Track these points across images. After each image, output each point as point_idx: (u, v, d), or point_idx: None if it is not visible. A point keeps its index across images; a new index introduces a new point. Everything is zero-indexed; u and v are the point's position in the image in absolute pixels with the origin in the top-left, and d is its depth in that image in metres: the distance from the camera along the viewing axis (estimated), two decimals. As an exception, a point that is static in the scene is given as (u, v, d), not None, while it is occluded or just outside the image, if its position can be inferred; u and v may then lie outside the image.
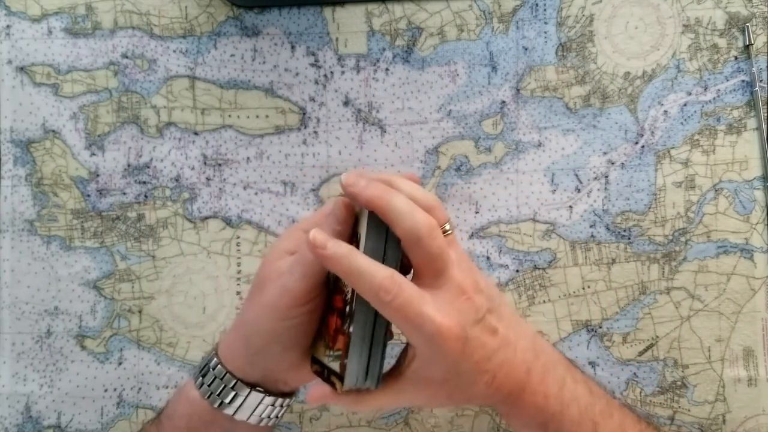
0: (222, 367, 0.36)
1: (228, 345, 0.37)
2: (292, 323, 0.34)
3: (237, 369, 0.36)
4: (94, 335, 0.46)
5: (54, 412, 0.46)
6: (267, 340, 0.35)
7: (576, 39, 0.46)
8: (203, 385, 0.36)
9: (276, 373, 0.36)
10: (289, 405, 0.38)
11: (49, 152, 0.47)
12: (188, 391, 0.37)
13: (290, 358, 0.36)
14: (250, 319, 0.36)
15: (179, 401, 0.38)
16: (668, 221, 0.45)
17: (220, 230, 0.46)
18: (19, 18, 0.47)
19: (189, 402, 0.37)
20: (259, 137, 0.47)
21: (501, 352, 0.33)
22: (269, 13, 0.47)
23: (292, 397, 0.38)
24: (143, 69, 0.47)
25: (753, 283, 0.45)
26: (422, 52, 0.46)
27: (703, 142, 0.46)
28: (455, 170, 0.46)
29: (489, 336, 0.33)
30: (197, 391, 0.36)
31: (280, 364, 0.36)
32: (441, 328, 0.31)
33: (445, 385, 0.33)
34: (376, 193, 0.32)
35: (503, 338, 0.34)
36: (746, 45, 0.45)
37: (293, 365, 0.36)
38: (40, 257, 0.46)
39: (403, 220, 0.32)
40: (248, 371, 0.36)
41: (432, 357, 0.32)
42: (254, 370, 0.36)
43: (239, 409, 0.36)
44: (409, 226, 0.32)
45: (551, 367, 0.35)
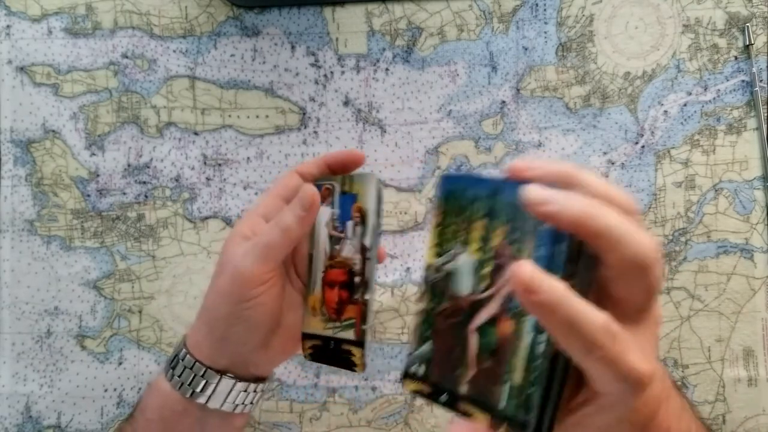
0: (191, 357, 0.36)
1: (194, 334, 0.37)
2: (251, 304, 0.34)
3: (204, 357, 0.36)
4: (94, 335, 0.46)
5: (54, 412, 0.46)
6: (228, 324, 0.35)
7: (576, 39, 0.46)
8: (174, 377, 0.36)
9: (243, 355, 0.36)
10: (264, 390, 0.38)
11: (49, 152, 0.47)
12: (159, 384, 0.37)
13: (255, 339, 0.36)
14: (210, 305, 0.36)
15: (151, 395, 0.37)
16: (668, 221, 0.45)
17: (220, 230, 0.46)
18: (19, 18, 0.47)
19: (160, 394, 0.36)
20: (259, 137, 0.47)
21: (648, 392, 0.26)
22: (269, 13, 0.47)
23: (265, 381, 0.38)
24: (143, 69, 0.47)
25: (753, 283, 0.45)
26: (422, 52, 0.46)
27: (703, 142, 0.46)
28: (455, 170, 0.46)
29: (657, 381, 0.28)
30: (168, 383, 0.36)
31: (245, 346, 0.36)
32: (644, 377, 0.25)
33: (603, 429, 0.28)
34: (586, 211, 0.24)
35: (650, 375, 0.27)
36: (746, 45, 0.45)
37: (260, 345, 0.36)
38: (40, 257, 0.46)
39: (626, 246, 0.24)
40: (216, 358, 0.36)
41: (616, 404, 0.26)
42: (221, 356, 0.36)
43: (211, 397, 0.35)
44: (632, 254, 0.24)
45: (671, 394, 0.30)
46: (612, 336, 0.24)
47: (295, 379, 0.46)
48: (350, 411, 0.46)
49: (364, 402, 0.46)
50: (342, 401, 0.46)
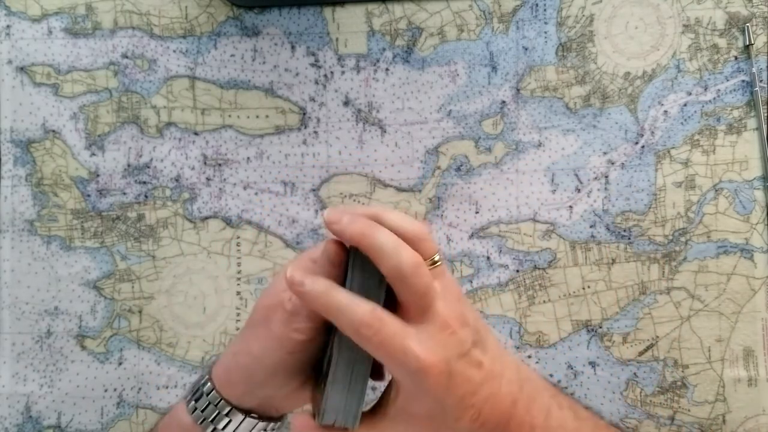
0: (217, 394, 0.36)
1: (225, 372, 0.36)
2: (300, 355, 0.34)
3: (233, 397, 0.36)
4: (94, 335, 0.46)
5: (54, 412, 0.46)
6: (273, 372, 0.35)
7: (576, 39, 0.46)
8: (196, 410, 0.36)
9: (274, 400, 0.36)
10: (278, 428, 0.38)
11: (49, 152, 0.47)
12: (180, 415, 0.37)
13: (290, 387, 0.36)
14: (256, 352, 0.35)
15: (170, 425, 0.38)
16: (668, 221, 0.45)
17: (220, 230, 0.46)
18: (19, 18, 0.47)
19: (180, 426, 0.37)
20: (259, 137, 0.47)
21: (486, 386, 0.33)
22: (269, 13, 0.47)
23: (281, 420, 0.39)
24: (143, 69, 0.47)
25: (753, 283, 0.45)
26: (422, 52, 0.46)
27: (703, 142, 0.46)
28: (455, 170, 0.46)
29: (474, 370, 0.33)
30: (189, 415, 0.36)
31: (279, 393, 0.36)
32: (424, 363, 0.30)
33: (430, 422, 0.33)
34: (361, 229, 0.31)
35: (488, 372, 0.33)
36: (746, 45, 0.45)
37: (292, 393, 0.36)
38: (41, 257, 0.46)
39: (389, 258, 0.31)
40: (246, 399, 0.36)
41: (416, 393, 0.32)
42: (252, 399, 0.36)
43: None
44: (393, 264, 0.31)
45: (536, 396, 0.35)
46: (379, 320, 0.30)
47: (295, 379, 0.46)
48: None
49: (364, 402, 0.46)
50: (342, 401, 0.46)
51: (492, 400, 0.33)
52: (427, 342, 0.31)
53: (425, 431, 0.34)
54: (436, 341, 0.31)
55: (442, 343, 0.31)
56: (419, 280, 0.31)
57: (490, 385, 0.33)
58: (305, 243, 0.46)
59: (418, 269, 0.31)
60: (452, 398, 0.32)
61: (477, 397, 0.33)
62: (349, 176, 0.46)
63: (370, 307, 0.31)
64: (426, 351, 0.31)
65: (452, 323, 0.32)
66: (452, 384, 0.32)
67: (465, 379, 0.32)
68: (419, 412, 0.33)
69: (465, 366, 0.32)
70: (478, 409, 0.33)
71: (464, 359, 0.32)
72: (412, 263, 0.31)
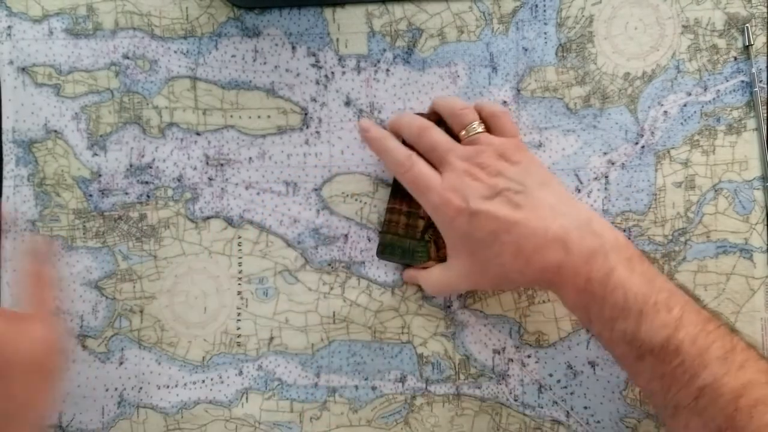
0: None
1: None
2: None
3: None
4: (96, 335, 0.46)
5: (55, 411, 0.46)
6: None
7: (576, 40, 0.46)
8: None
9: None
10: None
11: (51, 152, 0.47)
12: None
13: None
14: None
15: None
16: (668, 221, 0.46)
17: (222, 230, 0.47)
18: (20, 19, 0.47)
19: None
20: (261, 137, 0.47)
21: (523, 225, 0.36)
22: (270, 14, 0.47)
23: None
24: (144, 70, 0.47)
25: (752, 283, 0.45)
26: (423, 53, 0.47)
27: (702, 142, 0.46)
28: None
29: (505, 209, 0.37)
30: None
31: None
32: (443, 198, 0.38)
33: (475, 258, 0.38)
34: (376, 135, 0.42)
35: (528, 213, 0.36)
36: (746, 45, 0.45)
37: None
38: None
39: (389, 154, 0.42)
40: None
41: (446, 229, 0.39)
42: None
43: None
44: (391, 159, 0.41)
45: (602, 252, 0.35)
46: (413, 162, 0.40)
47: (296, 379, 0.46)
48: (350, 410, 0.46)
49: (364, 401, 0.46)
50: (342, 401, 0.46)
51: (532, 239, 0.36)
52: (447, 184, 0.38)
53: (476, 268, 0.39)
54: (455, 183, 0.38)
55: (462, 185, 0.38)
56: (426, 139, 0.41)
57: (531, 226, 0.36)
58: (307, 243, 0.46)
59: (424, 131, 0.41)
60: (482, 232, 0.37)
61: (512, 235, 0.36)
62: (352, 176, 0.46)
63: (408, 152, 0.41)
64: (443, 188, 0.38)
65: (476, 172, 0.38)
66: (476, 220, 0.37)
67: (492, 217, 0.37)
68: (460, 250, 0.39)
69: (491, 205, 0.37)
70: (518, 247, 0.36)
71: (491, 200, 0.37)
72: (419, 126, 0.42)
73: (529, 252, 0.36)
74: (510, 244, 0.36)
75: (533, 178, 0.38)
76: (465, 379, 0.46)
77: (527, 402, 0.46)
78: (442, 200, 0.38)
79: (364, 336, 0.46)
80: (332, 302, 0.46)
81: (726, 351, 0.33)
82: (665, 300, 0.34)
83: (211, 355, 0.46)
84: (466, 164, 0.39)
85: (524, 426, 0.46)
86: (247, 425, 0.46)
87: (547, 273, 0.36)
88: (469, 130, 0.40)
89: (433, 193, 0.39)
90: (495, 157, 0.39)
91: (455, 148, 0.40)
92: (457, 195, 0.38)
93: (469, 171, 0.38)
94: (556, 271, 0.36)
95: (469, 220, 0.37)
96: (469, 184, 0.38)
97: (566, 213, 0.37)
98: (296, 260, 0.46)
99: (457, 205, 0.38)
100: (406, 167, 0.40)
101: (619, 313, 0.34)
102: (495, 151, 0.39)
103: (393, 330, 0.46)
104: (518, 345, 0.46)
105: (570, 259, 0.35)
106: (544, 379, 0.46)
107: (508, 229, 0.36)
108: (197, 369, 0.46)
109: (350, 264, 0.46)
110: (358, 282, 0.46)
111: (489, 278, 0.39)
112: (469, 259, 0.39)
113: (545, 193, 0.38)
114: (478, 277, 0.39)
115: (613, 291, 0.34)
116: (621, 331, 0.34)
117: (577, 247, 0.35)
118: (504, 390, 0.46)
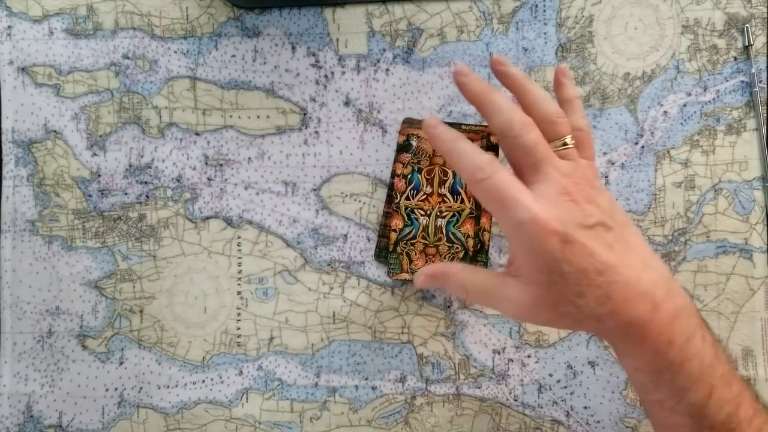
0: None
1: None
2: None
3: None
4: (96, 335, 0.46)
5: (55, 411, 0.46)
6: None
7: (575, 40, 0.46)
8: None
9: None
10: None
11: (50, 152, 0.47)
12: None
13: None
14: None
15: None
16: (668, 221, 0.46)
17: (221, 230, 0.47)
18: (20, 19, 0.47)
19: None
20: (260, 137, 0.47)
21: (617, 271, 0.31)
22: (270, 13, 0.47)
23: None
24: (144, 70, 0.47)
25: (752, 283, 0.45)
26: (422, 52, 0.47)
27: (702, 142, 0.46)
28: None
29: (601, 248, 0.31)
30: None
31: None
32: (536, 217, 0.31)
33: (550, 289, 0.32)
34: (480, 88, 0.35)
35: (622, 258, 0.32)
36: (745, 46, 0.45)
37: None
38: (42, 257, 0.46)
39: (500, 114, 0.33)
40: None
41: (528, 251, 0.32)
42: None
43: None
44: (504, 120, 0.33)
45: (683, 315, 0.32)
46: (495, 168, 0.32)
47: (296, 379, 0.46)
48: (350, 410, 0.46)
49: (364, 401, 0.46)
50: (342, 401, 0.46)
51: (624, 290, 0.31)
52: (541, 198, 0.32)
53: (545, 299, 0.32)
54: (551, 201, 0.32)
55: (559, 205, 0.32)
56: (527, 136, 0.33)
57: (623, 272, 0.31)
58: (306, 243, 0.46)
59: (525, 126, 0.33)
60: (571, 267, 0.31)
61: (604, 279, 0.31)
62: (350, 176, 0.46)
63: (489, 157, 0.33)
64: (537, 205, 0.31)
65: (574, 193, 0.32)
66: (570, 250, 0.31)
67: (587, 252, 0.31)
68: (536, 276, 0.32)
69: (588, 238, 0.31)
70: (607, 293, 0.31)
71: (588, 231, 0.32)
72: (521, 121, 0.33)
73: (618, 301, 0.31)
74: (598, 288, 0.31)
75: (618, 215, 0.34)
76: (465, 379, 0.46)
77: (527, 402, 0.46)
78: (533, 218, 0.31)
79: (364, 336, 0.46)
80: (332, 302, 0.46)
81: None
82: (728, 374, 0.33)
83: (211, 355, 0.46)
84: (565, 180, 0.33)
85: (524, 426, 0.46)
86: (247, 425, 0.46)
87: (630, 327, 0.32)
88: (562, 142, 0.35)
89: (520, 207, 0.31)
90: (587, 180, 0.34)
91: (553, 158, 0.33)
92: (550, 213, 0.31)
93: (567, 189, 0.32)
94: (641, 329, 0.32)
95: (563, 247, 0.31)
96: (566, 205, 0.32)
97: (653, 266, 0.33)
98: (296, 260, 0.46)
99: (552, 227, 0.31)
100: (487, 173, 0.32)
101: (692, 384, 0.32)
102: (586, 174, 0.34)
103: (393, 330, 0.46)
104: (518, 345, 0.46)
105: (657, 317, 0.32)
106: (544, 379, 0.46)
107: (602, 270, 0.31)
108: (197, 369, 0.46)
109: (350, 264, 0.46)
110: (358, 282, 0.46)
111: (557, 314, 0.33)
112: (541, 289, 0.32)
113: (632, 237, 0.34)
114: (543, 310, 0.33)
115: (691, 359, 0.32)
116: (690, 403, 0.32)
117: (664, 305, 0.32)
118: (504, 390, 0.46)
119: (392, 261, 0.44)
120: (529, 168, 0.33)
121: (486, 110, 0.34)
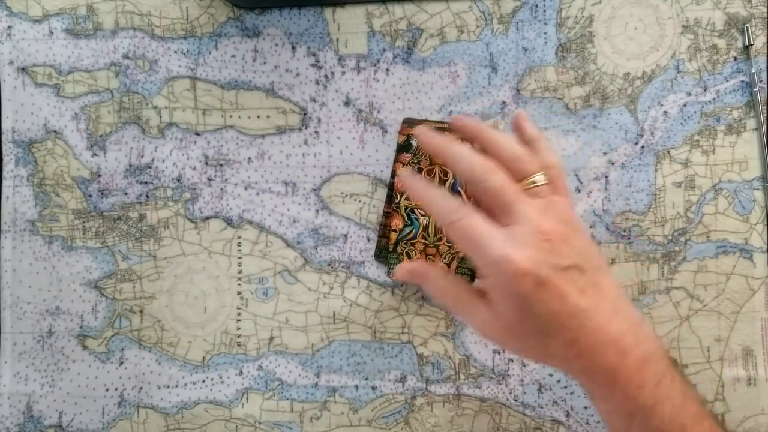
0: None
1: None
2: None
3: None
4: (96, 335, 0.46)
5: (55, 411, 0.46)
6: None
7: (576, 40, 0.46)
8: None
9: None
10: None
11: (50, 152, 0.47)
12: None
13: None
14: None
15: None
16: (668, 221, 0.46)
17: (221, 230, 0.47)
18: (20, 19, 0.47)
19: None
20: (260, 137, 0.47)
21: (587, 316, 0.32)
22: (270, 13, 0.47)
23: None
24: (144, 70, 0.47)
25: (752, 283, 0.45)
26: (422, 52, 0.47)
27: (702, 142, 0.46)
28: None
29: (574, 291, 0.32)
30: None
31: None
32: (509, 257, 0.31)
33: (521, 325, 0.32)
34: (438, 142, 0.36)
35: (593, 303, 0.32)
36: (746, 46, 0.45)
37: None
38: (42, 257, 0.46)
39: (461, 162, 0.34)
40: None
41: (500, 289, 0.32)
42: None
43: None
44: (464, 168, 0.34)
45: (652, 360, 0.33)
46: (466, 211, 0.33)
47: (296, 379, 0.46)
48: (350, 410, 0.46)
49: (365, 401, 0.46)
50: (342, 401, 0.46)
51: (594, 335, 0.32)
52: (514, 239, 0.32)
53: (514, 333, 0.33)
54: (525, 241, 0.32)
55: (533, 245, 0.32)
56: (492, 183, 0.33)
57: (594, 318, 0.32)
58: (306, 243, 0.46)
59: (488, 171, 0.34)
60: (543, 308, 0.31)
61: (575, 322, 0.32)
62: (350, 176, 0.46)
63: (458, 203, 0.34)
64: (511, 245, 0.32)
65: (549, 233, 0.32)
66: (543, 292, 0.31)
67: (560, 294, 0.31)
68: (511, 316, 0.32)
69: (561, 280, 0.32)
70: (576, 336, 0.32)
71: (562, 273, 0.32)
72: (482, 166, 0.34)
73: (586, 347, 0.32)
74: (569, 331, 0.32)
75: (592, 257, 0.34)
76: (465, 379, 0.46)
77: (527, 402, 0.46)
78: (505, 257, 0.31)
79: (364, 336, 0.46)
80: (332, 302, 0.46)
81: None
82: (697, 413, 0.33)
83: (211, 355, 0.46)
84: (538, 219, 0.33)
85: (524, 426, 0.46)
86: (248, 425, 0.46)
87: (598, 372, 0.32)
88: (530, 181, 0.35)
89: (492, 248, 0.32)
90: (561, 218, 0.34)
91: (523, 198, 0.33)
92: (524, 254, 0.31)
93: (541, 228, 0.32)
94: (611, 374, 0.32)
95: (535, 288, 0.31)
96: (539, 245, 0.32)
97: (622, 311, 0.33)
98: (296, 260, 0.46)
99: (524, 268, 0.31)
100: (460, 215, 0.33)
101: (665, 425, 0.32)
102: (561, 212, 0.34)
103: (393, 330, 0.46)
104: (518, 345, 0.46)
105: (625, 363, 0.32)
106: (544, 379, 0.46)
107: (573, 314, 0.32)
108: (197, 369, 0.46)
109: (350, 264, 0.46)
110: (358, 282, 0.46)
111: (525, 347, 0.34)
112: (511, 323, 0.33)
113: (604, 281, 0.34)
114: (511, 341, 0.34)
115: (663, 402, 0.32)
116: None
117: (632, 352, 0.32)
118: (504, 390, 0.46)
119: (392, 261, 0.44)
120: (501, 210, 0.33)
121: (449, 162, 0.35)
